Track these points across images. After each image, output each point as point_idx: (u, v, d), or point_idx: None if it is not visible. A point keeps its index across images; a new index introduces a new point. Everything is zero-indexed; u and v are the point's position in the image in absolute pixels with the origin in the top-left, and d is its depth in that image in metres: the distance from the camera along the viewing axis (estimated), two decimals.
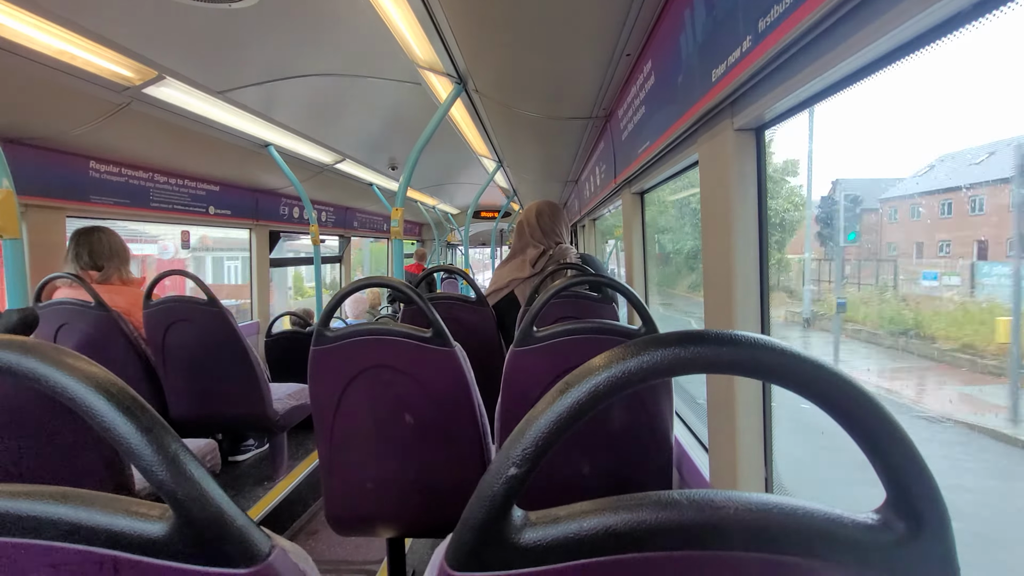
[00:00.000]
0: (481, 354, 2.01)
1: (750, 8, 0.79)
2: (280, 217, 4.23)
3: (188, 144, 2.78)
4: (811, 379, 0.31)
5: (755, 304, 1.01)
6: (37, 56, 1.69)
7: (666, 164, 1.54)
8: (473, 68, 2.02)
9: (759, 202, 1.00)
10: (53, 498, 0.36)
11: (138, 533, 0.35)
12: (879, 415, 0.31)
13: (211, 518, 0.35)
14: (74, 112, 2.13)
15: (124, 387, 0.36)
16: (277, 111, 2.64)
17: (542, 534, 0.33)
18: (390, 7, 1.62)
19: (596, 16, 1.42)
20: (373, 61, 2.19)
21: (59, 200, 2.44)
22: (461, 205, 7.62)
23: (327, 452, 1.37)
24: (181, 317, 2.16)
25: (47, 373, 0.34)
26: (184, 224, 3.56)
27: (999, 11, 0.51)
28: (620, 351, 0.32)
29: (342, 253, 5.76)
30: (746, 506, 0.32)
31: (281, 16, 1.72)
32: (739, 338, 0.31)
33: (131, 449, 0.34)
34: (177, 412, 2.33)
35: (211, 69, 2.06)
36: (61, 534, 0.35)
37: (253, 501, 2.36)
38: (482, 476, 0.33)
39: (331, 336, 1.28)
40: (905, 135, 2.93)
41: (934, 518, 0.31)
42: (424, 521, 1.40)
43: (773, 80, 0.82)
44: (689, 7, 1.06)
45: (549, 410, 0.31)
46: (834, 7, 0.60)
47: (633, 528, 0.32)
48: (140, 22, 1.64)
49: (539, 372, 1.24)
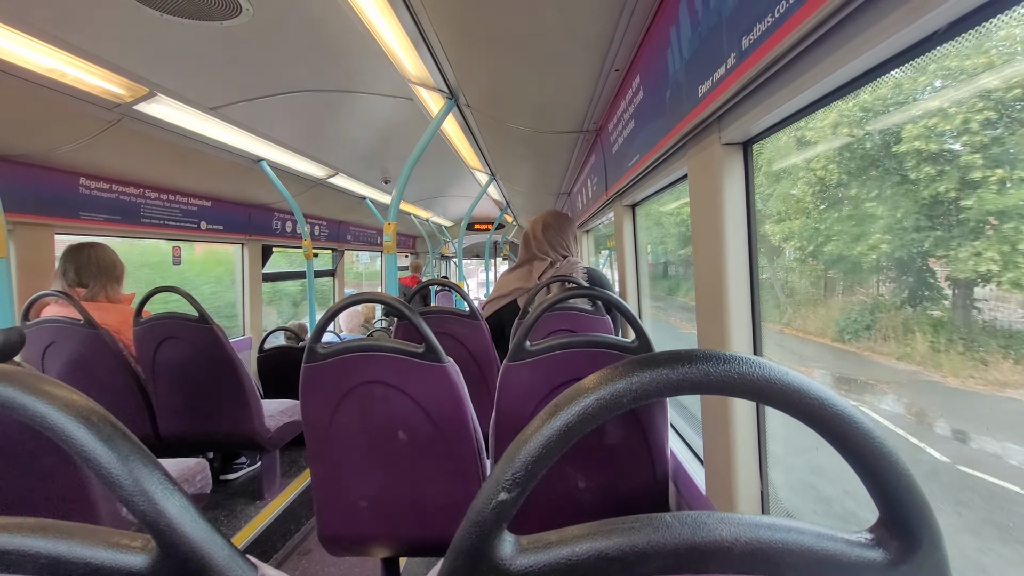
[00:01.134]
0: (475, 368, 2.00)
1: (734, 26, 0.80)
2: (273, 231, 4.22)
3: (180, 160, 2.78)
4: (800, 400, 0.30)
5: (746, 319, 1.02)
6: (27, 74, 1.68)
7: (656, 177, 1.56)
8: (464, 83, 2.04)
9: (748, 216, 1.01)
10: (32, 531, 0.35)
11: (119, 566, 0.34)
12: (869, 435, 0.31)
13: (194, 549, 0.34)
14: (64, 129, 2.12)
15: (105, 415, 0.35)
16: (269, 127, 2.65)
17: (534, 560, 0.32)
18: (381, 23, 1.64)
19: (585, 32, 1.44)
20: (365, 77, 2.20)
21: (48, 217, 2.42)
22: (455, 217, 7.64)
23: (319, 470, 1.35)
24: (171, 334, 2.14)
25: (25, 402, 0.33)
26: (175, 240, 3.55)
27: (974, 31, 0.52)
28: (609, 372, 0.32)
29: (335, 267, 5.75)
30: (739, 528, 0.32)
31: (272, 33, 1.73)
32: (728, 359, 0.31)
33: (111, 479, 0.33)
34: (167, 430, 2.29)
35: (203, 86, 2.07)
36: (40, 568, 0.34)
37: (245, 521, 2.31)
38: (472, 500, 0.33)
39: (323, 352, 1.27)
40: None
41: (927, 537, 0.31)
42: (419, 540, 1.38)
43: (758, 96, 0.83)
44: (675, 24, 1.08)
45: (538, 433, 0.31)
46: (815, 25, 0.61)
47: (625, 553, 0.32)
48: (131, 39, 1.64)
49: (533, 386, 1.23)
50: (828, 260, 1.41)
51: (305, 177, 3.65)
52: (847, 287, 1.41)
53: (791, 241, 1.52)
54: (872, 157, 1.14)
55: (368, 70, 2.11)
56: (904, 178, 1.02)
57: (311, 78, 2.18)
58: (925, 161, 0.95)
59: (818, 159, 1.30)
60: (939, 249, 0.99)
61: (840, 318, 1.37)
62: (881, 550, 0.32)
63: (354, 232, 5.85)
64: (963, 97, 0.83)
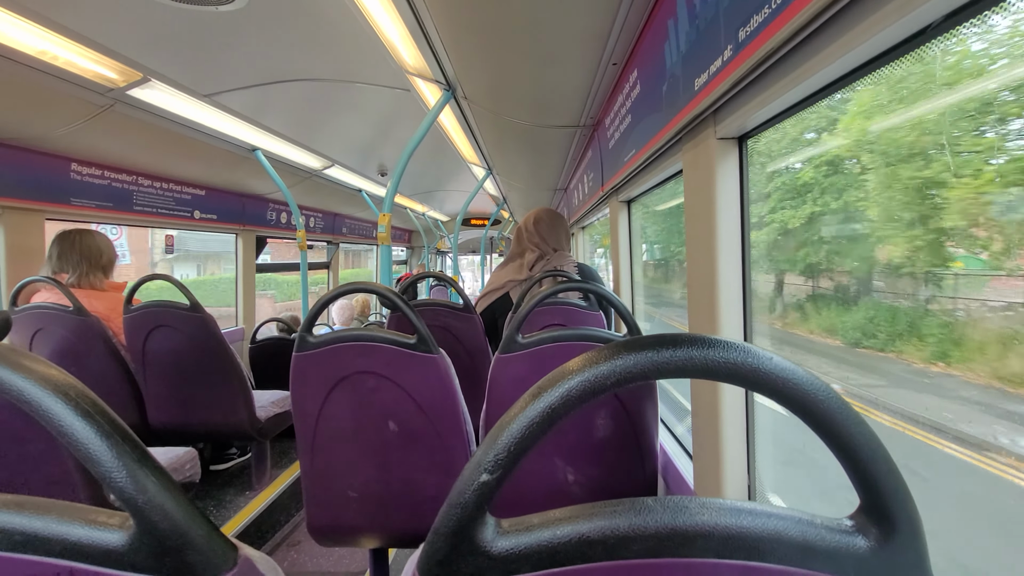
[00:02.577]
0: (468, 361, 1.99)
1: (731, 18, 0.80)
2: (267, 222, 4.20)
3: (173, 147, 2.75)
4: (784, 384, 0.30)
5: (738, 311, 1.02)
6: (17, 56, 1.66)
7: (652, 172, 1.56)
8: (462, 75, 2.03)
9: (742, 210, 1.01)
10: (6, 507, 0.34)
11: (96, 543, 0.33)
12: (851, 420, 0.31)
13: (173, 527, 0.34)
14: (56, 113, 2.09)
15: (84, 390, 0.34)
16: (265, 115, 2.62)
17: (515, 542, 0.32)
18: (379, 13, 1.62)
19: (583, 25, 1.43)
20: (362, 67, 2.18)
21: (38, 202, 2.39)
22: (451, 212, 7.62)
23: (309, 461, 1.34)
24: (162, 323, 2.12)
25: (2, 376, 0.33)
26: (168, 228, 3.51)
27: (967, 24, 0.52)
28: (594, 355, 0.32)
29: (330, 259, 5.72)
30: (721, 513, 0.32)
31: (269, 20, 1.72)
32: (713, 343, 0.31)
33: (89, 454, 0.33)
34: (157, 420, 2.28)
35: (197, 72, 2.04)
36: (14, 544, 0.33)
37: (234, 511, 2.31)
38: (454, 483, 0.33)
39: (314, 342, 1.26)
40: None
41: (906, 524, 0.31)
42: (408, 531, 1.38)
43: (754, 89, 0.83)
44: (673, 17, 1.08)
45: (521, 415, 0.31)
46: (812, 16, 0.61)
47: (607, 536, 0.32)
48: (124, 22, 1.62)
49: (524, 378, 1.23)
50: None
51: (300, 168, 3.62)
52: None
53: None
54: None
55: (365, 60, 2.09)
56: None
57: (307, 67, 2.16)
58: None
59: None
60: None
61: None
62: (861, 536, 0.32)
63: (349, 224, 5.82)
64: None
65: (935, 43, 0.56)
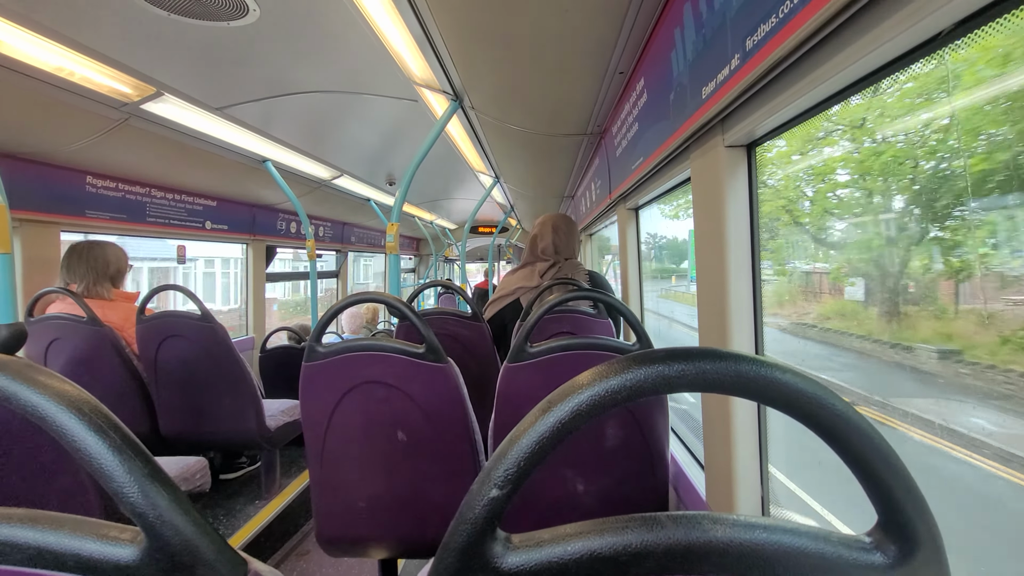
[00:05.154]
0: (476, 370, 1.99)
1: (738, 28, 0.80)
2: (277, 232, 4.24)
3: (185, 159, 2.80)
4: (799, 399, 0.30)
5: (748, 319, 1.01)
6: (35, 72, 1.70)
7: (659, 180, 1.55)
8: (469, 85, 2.04)
9: (751, 218, 1.00)
10: (20, 521, 0.34)
11: (107, 558, 0.34)
12: (868, 436, 0.30)
13: (184, 542, 0.34)
14: (71, 127, 2.14)
15: (97, 405, 0.35)
16: (275, 127, 2.66)
17: (525, 558, 0.32)
18: (387, 25, 1.64)
19: (589, 35, 1.44)
20: (370, 78, 2.21)
21: (54, 215, 2.44)
22: (458, 220, 7.65)
23: (318, 470, 1.34)
24: (174, 332, 2.14)
25: (17, 391, 0.33)
26: (180, 239, 3.56)
27: (978, 32, 0.52)
28: (604, 368, 0.31)
29: (339, 268, 5.76)
30: (735, 529, 0.31)
31: (279, 34, 1.74)
32: (725, 356, 0.30)
33: (101, 469, 0.33)
34: (168, 429, 2.29)
35: (209, 86, 2.08)
36: (26, 558, 0.34)
37: (244, 520, 2.31)
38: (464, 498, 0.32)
39: (323, 352, 1.26)
40: None
41: (927, 541, 0.30)
42: (416, 541, 1.37)
43: (763, 97, 0.83)
44: (679, 26, 1.08)
45: (531, 430, 0.31)
46: (820, 25, 0.61)
47: (618, 552, 0.31)
48: (138, 39, 1.66)
49: (533, 388, 1.23)
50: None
51: (310, 178, 3.66)
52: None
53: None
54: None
55: (374, 71, 2.12)
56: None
57: (317, 79, 2.19)
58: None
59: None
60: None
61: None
62: (880, 553, 0.31)
63: (358, 234, 5.87)
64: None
65: (948, 50, 0.56)
